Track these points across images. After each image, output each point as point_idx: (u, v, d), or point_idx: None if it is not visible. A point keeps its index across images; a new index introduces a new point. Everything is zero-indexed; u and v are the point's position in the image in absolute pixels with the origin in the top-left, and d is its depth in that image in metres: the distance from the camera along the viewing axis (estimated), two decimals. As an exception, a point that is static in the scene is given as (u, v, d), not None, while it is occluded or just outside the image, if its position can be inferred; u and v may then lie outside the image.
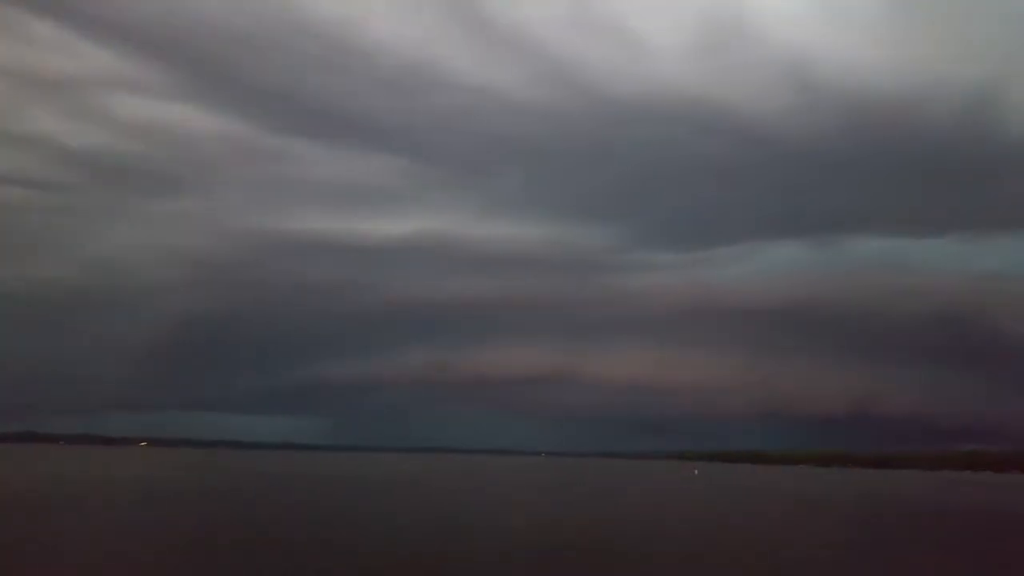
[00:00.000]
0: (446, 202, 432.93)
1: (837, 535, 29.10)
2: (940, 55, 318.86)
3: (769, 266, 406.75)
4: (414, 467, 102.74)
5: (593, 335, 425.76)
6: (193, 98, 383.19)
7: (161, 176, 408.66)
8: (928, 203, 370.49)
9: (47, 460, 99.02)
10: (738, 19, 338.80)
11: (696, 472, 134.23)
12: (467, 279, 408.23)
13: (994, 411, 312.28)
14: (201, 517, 27.95)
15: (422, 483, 60.22)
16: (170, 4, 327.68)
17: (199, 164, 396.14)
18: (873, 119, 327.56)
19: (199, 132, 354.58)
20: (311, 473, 75.13)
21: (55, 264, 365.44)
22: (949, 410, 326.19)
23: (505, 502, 40.77)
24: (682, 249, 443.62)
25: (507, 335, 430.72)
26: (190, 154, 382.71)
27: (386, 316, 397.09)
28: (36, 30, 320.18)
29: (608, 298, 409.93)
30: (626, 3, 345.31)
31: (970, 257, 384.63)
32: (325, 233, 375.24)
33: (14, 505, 30.28)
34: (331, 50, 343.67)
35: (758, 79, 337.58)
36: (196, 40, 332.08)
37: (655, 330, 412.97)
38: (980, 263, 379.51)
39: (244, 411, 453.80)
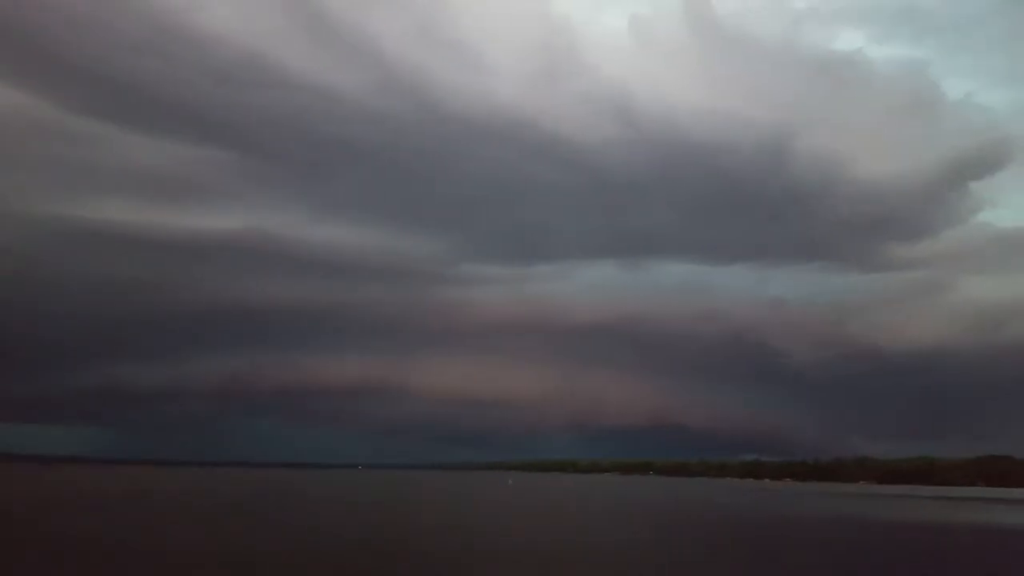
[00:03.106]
0: (274, 202, 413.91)
1: (626, 536, 30.56)
2: (743, 103, 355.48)
3: (586, 285, 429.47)
4: (212, 482, 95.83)
5: (415, 346, 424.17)
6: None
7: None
8: (726, 234, 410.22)
9: None
10: (574, 52, 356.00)
11: (510, 482, 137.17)
12: (289, 283, 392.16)
13: (773, 425, 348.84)
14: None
15: (219, 497, 56.06)
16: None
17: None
18: (683, 156, 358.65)
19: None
20: (91, 489, 67.48)
21: None
22: (736, 423, 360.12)
23: (310, 516, 38.84)
24: (506, 264, 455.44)
25: (327, 344, 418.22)
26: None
27: (197, 318, 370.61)
28: None
29: (432, 309, 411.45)
30: (472, 25, 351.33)
31: (760, 284, 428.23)
32: (136, 226, 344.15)
33: None
34: (163, 35, 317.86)
35: (586, 110, 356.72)
36: (9, 10, 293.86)
37: (476, 343, 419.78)
38: (767, 290, 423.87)
39: (25, 419, 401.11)
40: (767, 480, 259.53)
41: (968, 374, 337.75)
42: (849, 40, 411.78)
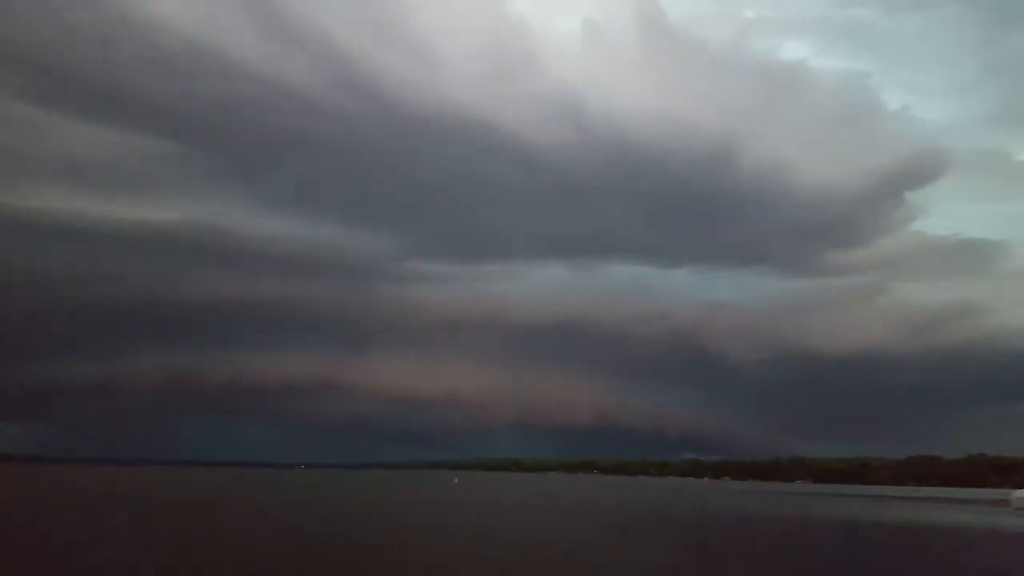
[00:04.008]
0: (217, 194, 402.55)
1: (563, 534, 30.72)
2: (691, 108, 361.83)
3: (535, 284, 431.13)
4: (148, 481, 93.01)
5: (361, 344, 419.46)
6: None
7: None
8: (672, 237, 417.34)
9: None
10: (529, 53, 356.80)
11: (456, 481, 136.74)
12: (232, 277, 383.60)
13: (713, 425, 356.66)
14: None
15: (154, 497, 54.36)
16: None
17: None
18: (632, 159, 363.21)
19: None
20: (14, 490, 64.69)
21: None
22: (677, 423, 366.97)
23: (247, 516, 37.93)
24: (456, 263, 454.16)
25: (270, 340, 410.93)
26: None
27: (135, 313, 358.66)
28: None
29: (380, 307, 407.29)
30: (428, 22, 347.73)
31: (703, 287, 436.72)
32: (73, 215, 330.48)
33: None
34: (105, 21, 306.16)
35: (539, 112, 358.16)
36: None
37: (424, 341, 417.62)
38: (710, 293, 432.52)
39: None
40: (707, 479, 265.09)
41: (900, 377, 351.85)
42: (794, 50, 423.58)
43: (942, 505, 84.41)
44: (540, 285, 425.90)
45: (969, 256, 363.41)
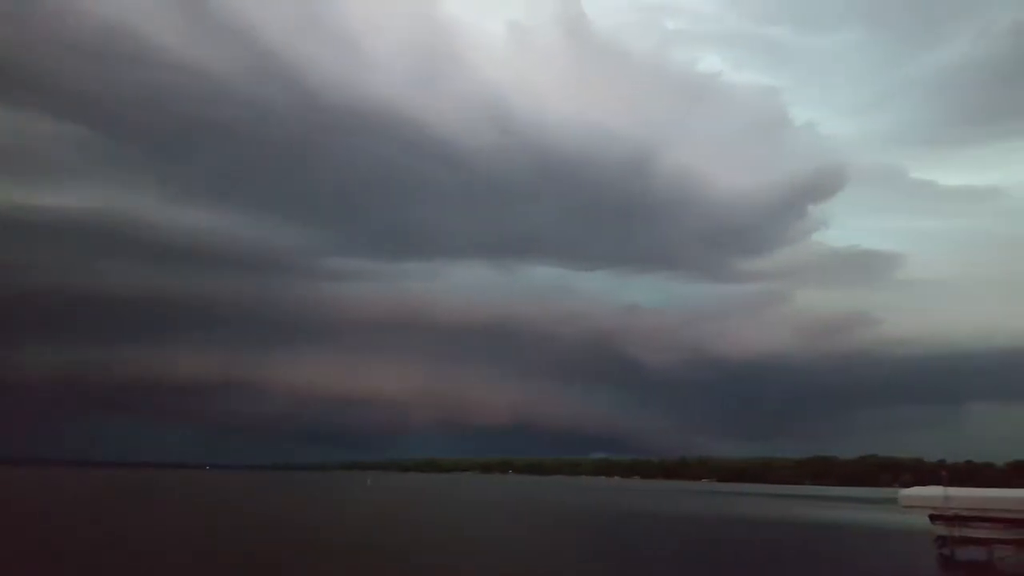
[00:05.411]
0: (130, 182, 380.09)
1: (465, 532, 30.92)
2: (611, 115, 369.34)
3: (456, 284, 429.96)
4: (30, 483, 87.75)
5: (275, 340, 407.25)
6: None
7: None
8: (591, 240, 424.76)
9: None
10: (456, 53, 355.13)
11: (369, 482, 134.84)
12: (140, 269, 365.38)
13: (624, 425, 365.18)
14: None
15: (39, 499, 51.29)
16: None
17: None
18: (554, 163, 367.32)
19: None
20: None
21: None
22: (590, 422, 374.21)
23: (148, 520, 36.34)
24: (377, 260, 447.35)
25: (179, 336, 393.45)
26: None
27: (28, 302, 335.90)
28: None
29: (296, 303, 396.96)
30: (355, 17, 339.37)
31: (618, 290, 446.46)
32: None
33: None
34: (10, 1, 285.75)
35: (463, 112, 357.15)
36: None
37: (342, 338, 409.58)
38: (625, 296, 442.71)
39: None
40: (617, 477, 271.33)
41: (801, 380, 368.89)
42: (711, 63, 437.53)
43: (837, 504, 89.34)
44: (461, 285, 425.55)
45: (866, 267, 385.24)
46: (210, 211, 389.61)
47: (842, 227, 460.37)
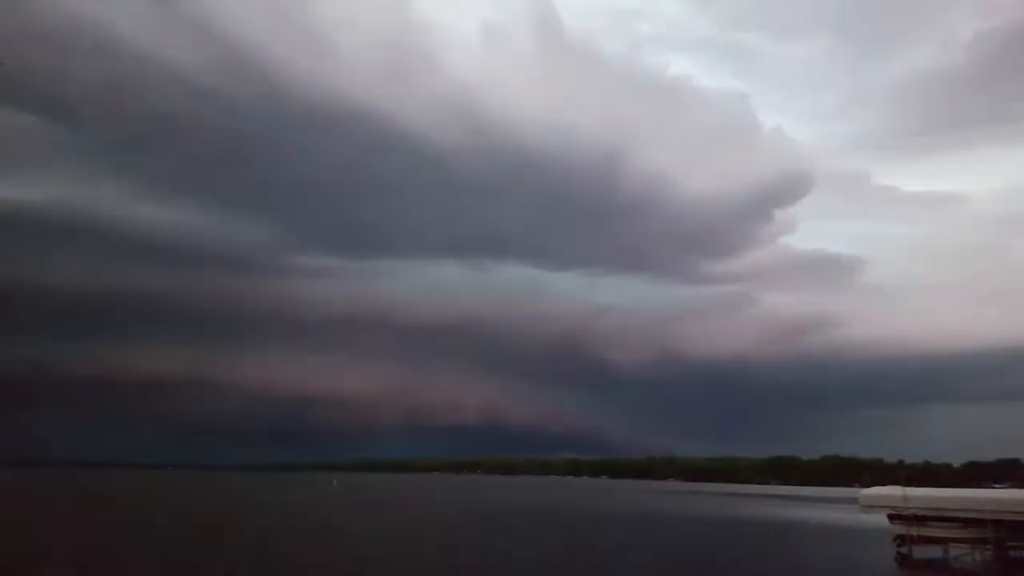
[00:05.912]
0: (86, 175, 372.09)
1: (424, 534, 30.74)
2: (583, 116, 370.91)
3: (426, 283, 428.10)
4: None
5: (239, 338, 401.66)
6: None
7: None
8: (561, 241, 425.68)
9: None
10: (428, 52, 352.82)
11: (335, 483, 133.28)
12: (101, 263, 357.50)
13: (593, 424, 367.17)
14: None
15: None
16: None
17: None
18: (525, 163, 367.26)
19: None
20: None
21: None
22: (559, 422, 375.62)
23: (112, 521, 35.52)
24: (345, 258, 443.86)
25: (139, 332, 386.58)
26: None
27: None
28: None
29: (262, 300, 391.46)
30: (326, 13, 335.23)
31: (588, 291, 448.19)
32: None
33: None
34: None
35: (435, 111, 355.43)
36: None
37: (309, 337, 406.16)
38: (595, 297, 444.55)
39: None
40: (586, 477, 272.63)
41: (766, 382, 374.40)
42: (681, 67, 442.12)
43: (799, 503, 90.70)
44: (432, 284, 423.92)
45: (830, 270, 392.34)
46: (175, 206, 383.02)
47: (808, 231, 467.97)
